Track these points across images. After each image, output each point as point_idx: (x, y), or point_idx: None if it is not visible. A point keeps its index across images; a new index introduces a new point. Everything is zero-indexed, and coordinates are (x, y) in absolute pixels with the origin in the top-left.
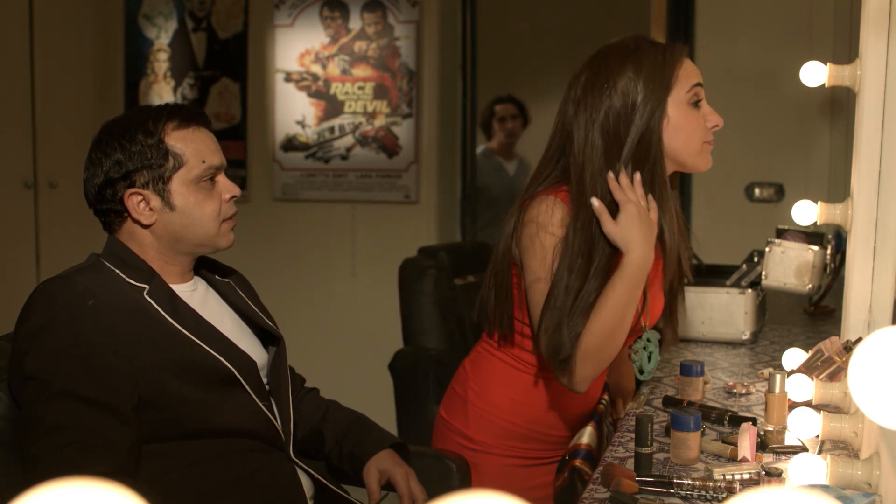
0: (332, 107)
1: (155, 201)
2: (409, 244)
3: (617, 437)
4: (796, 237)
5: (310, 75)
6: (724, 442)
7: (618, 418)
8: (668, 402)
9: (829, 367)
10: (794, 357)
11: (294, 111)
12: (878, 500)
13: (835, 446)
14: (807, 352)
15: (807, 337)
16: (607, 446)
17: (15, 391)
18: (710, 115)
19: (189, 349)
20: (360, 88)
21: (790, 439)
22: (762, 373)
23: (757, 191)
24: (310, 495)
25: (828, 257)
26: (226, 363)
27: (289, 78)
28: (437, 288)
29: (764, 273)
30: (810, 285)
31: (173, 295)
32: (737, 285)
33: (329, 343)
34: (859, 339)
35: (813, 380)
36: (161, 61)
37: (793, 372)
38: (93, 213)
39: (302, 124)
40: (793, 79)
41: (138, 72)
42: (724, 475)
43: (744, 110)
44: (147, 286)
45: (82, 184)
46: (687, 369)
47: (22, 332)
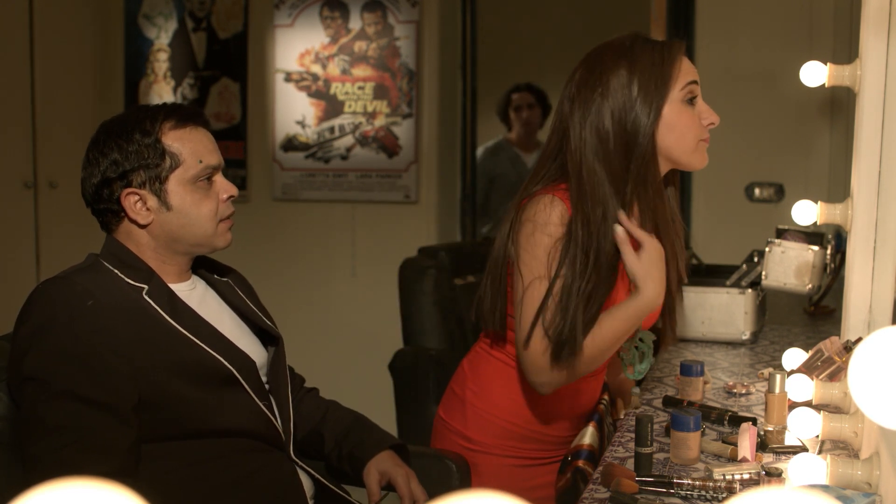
0: (332, 107)
1: (152, 201)
2: (409, 244)
3: (617, 437)
4: (796, 237)
5: (310, 75)
6: (724, 442)
7: (618, 418)
8: (668, 402)
9: (829, 367)
10: (794, 357)
11: (294, 111)
12: (878, 500)
13: (835, 446)
14: (807, 352)
15: (807, 337)
16: (608, 446)
17: (14, 391)
18: (706, 112)
19: (188, 349)
20: (360, 88)
21: (790, 439)
22: (762, 373)
23: (757, 191)
24: (310, 495)
25: (828, 257)
26: (225, 363)
27: (289, 78)
28: (437, 288)
29: (764, 273)
30: (810, 285)
31: (172, 295)
32: (737, 285)
33: (329, 343)
34: (859, 339)
35: (813, 380)
36: (161, 61)
37: (793, 372)
38: (90, 212)
39: (302, 124)
40: (793, 79)
41: (138, 72)
42: (724, 475)
43: (744, 110)
44: (146, 286)
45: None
46: (687, 369)
47: (21, 332)
